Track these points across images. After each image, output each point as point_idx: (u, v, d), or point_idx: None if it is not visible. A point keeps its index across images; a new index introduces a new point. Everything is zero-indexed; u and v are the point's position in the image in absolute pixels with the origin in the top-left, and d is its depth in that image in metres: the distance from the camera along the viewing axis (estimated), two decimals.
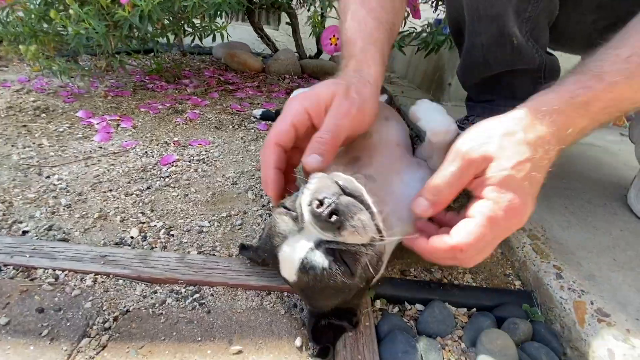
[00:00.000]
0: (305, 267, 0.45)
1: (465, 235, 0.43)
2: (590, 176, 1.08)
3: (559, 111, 0.44)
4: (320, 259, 0.45)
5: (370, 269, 0.47)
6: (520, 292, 0.65)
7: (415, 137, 1.09)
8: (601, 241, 0.72)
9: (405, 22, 1.65)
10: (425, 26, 1.68)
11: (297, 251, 0.46)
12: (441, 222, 0.53)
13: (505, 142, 0.44)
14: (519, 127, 0.45)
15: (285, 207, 0.49)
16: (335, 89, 0.53)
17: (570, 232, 0.74)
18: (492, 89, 0.91)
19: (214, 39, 1.52)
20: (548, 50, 0.90)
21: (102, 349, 0.48)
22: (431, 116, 0.62)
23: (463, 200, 0.89)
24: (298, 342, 0.52)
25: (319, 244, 0.45)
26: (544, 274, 0.62)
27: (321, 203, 0.43)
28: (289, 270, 0.48)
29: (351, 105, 0.52)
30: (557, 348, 0.53)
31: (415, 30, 1.61)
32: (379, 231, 0.46)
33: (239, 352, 0.49)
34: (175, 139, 1.13)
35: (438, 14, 1.87)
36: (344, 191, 0.45)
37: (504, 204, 0.41)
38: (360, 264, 0.45)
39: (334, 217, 0.42)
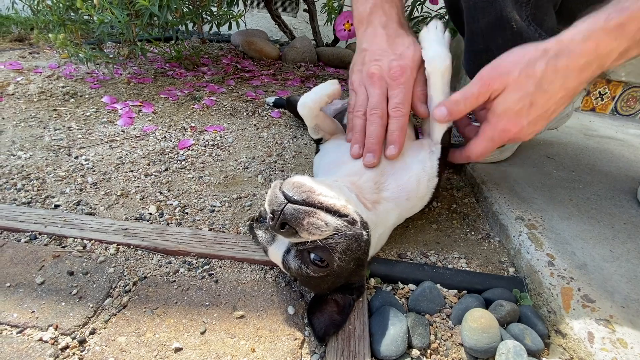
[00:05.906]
0: (287, 267, 0.52)
1: (473, 148, 0.63)
2: (602, 169, 1.06)
3: (589, 37, 0.48)
4: (293, 262, 0.51)
5: (351, 253, 0.50)
6: (512, 278, 0.67)
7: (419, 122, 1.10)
8: (600, 232, 0.72)
9: (422, 7, 1.62)
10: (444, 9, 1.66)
11: (277, 256, 0.54)
12: (463, 135, 0.73)
13: (522, 77, 0.53)
14: (542, 61, 0.51)
15: (259, 218, 0.58)
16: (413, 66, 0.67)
17: (569, 223, 0.75)
18: None
19: (229, 27, 1.56)
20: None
21: (123, 308, 0.54)
22: (430, 45, 0.68)
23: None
24: (291, 310, 0.57)
25: (290, 247, 0.52)
26: (537, 261, 0.64)
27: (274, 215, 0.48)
28: (281, 268, 0.55)
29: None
30: (542, 330, 0.56)
31: (430, 15, 1.59)
32: (346, 216, 0.50)
33: (242, 316, 0.54)
34: (192, 124, 1.19)
35: None
36: (289, 200, 0.47)
37: (499, 128, 0.58)
38: (336, 253, 0.48)
39: (286, 227, 0.47)
